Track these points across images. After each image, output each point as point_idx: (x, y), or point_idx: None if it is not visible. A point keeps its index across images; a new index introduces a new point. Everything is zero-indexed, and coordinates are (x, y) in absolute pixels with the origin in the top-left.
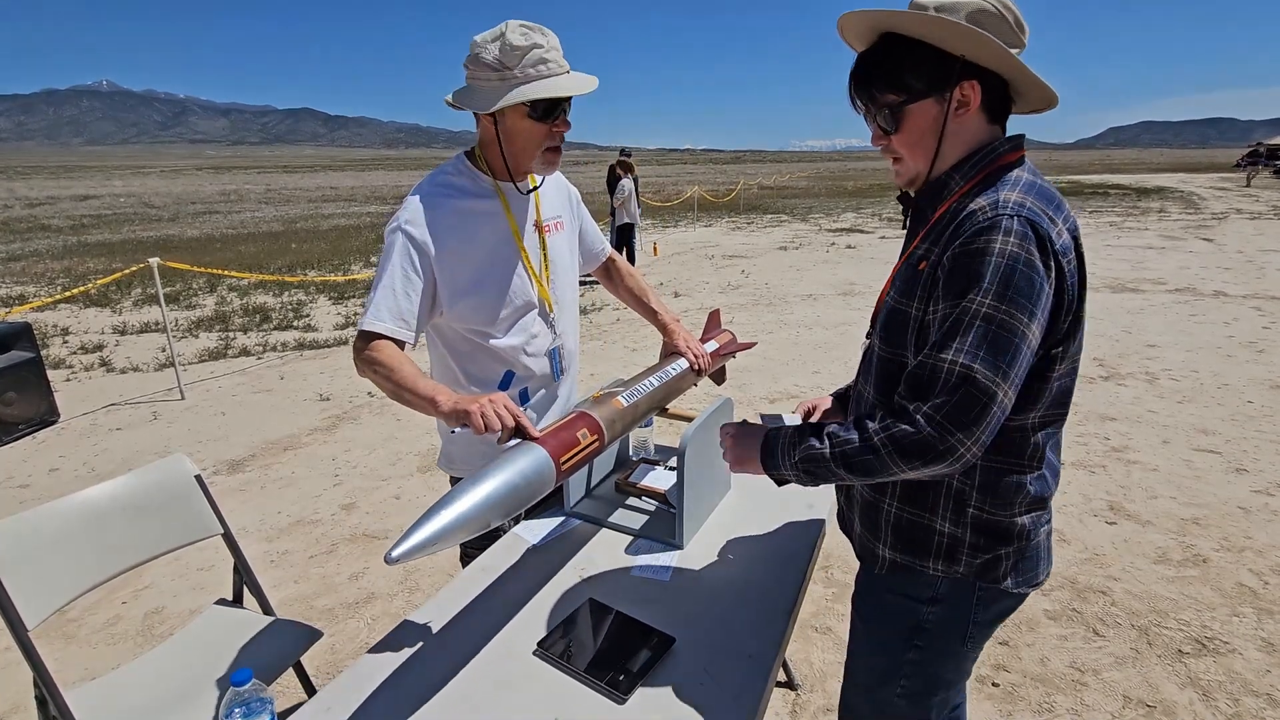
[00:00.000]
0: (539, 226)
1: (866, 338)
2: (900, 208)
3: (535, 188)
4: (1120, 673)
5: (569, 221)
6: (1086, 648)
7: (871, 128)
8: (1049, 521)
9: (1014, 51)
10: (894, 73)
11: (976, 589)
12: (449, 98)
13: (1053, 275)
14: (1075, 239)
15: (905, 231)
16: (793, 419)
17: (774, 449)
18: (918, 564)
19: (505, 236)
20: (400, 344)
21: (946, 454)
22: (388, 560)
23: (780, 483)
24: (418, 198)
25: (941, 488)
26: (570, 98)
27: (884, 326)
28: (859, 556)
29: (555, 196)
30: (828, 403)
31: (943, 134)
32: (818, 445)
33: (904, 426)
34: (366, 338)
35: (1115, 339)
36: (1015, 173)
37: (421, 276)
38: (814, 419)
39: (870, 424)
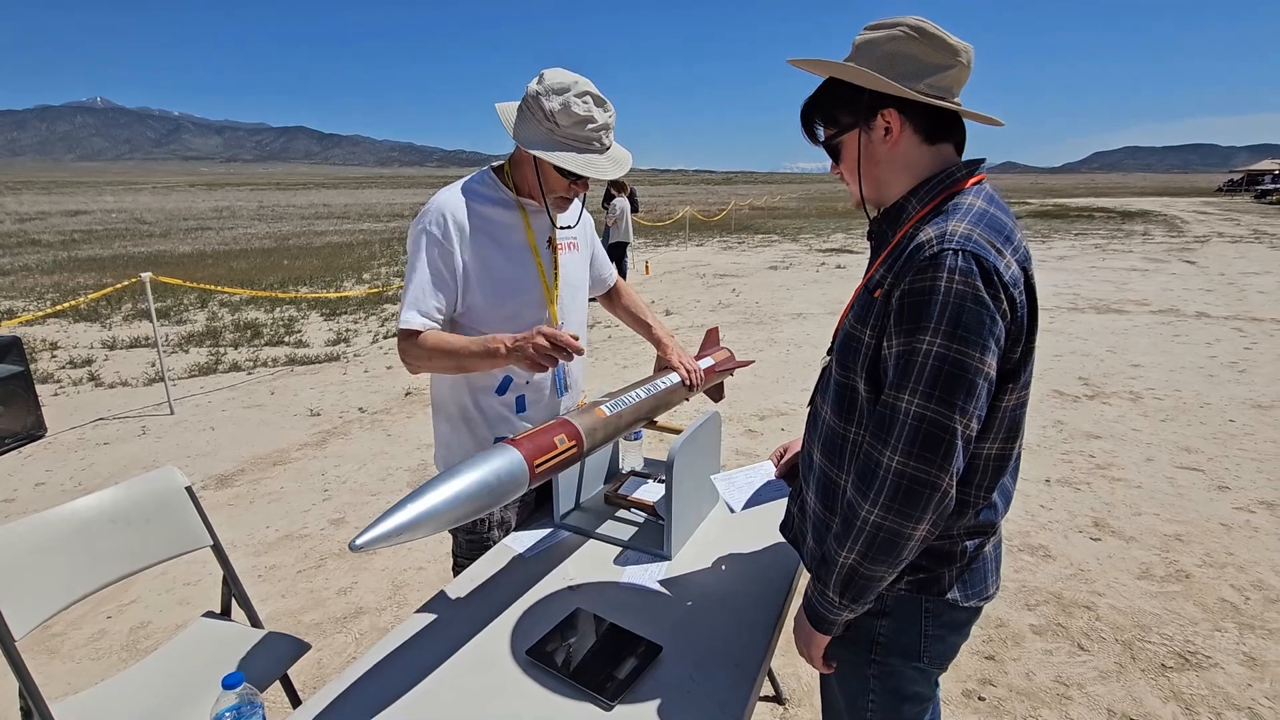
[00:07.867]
0: (553, 244)
1: (827, 355)
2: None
3: (564, 225)
4: (1104, 687)
5: (583, 244)
6: (1071, 662)
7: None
8: (998, 539)
9: (949, 72)
10: (825, 109)
11: (923, 602)
12: (502, 108)
13: (1004, 307)
14: (1025, 270)
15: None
16: (760, 466)
17: (816, 611)
18: None
19: (523, 248)
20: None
21: (929, 488)
22: (351, 547)
23: (844, 625)
24: (444, 198)
25: None
26: None
27: (839, 349)
28: (809, 569)
29: (573, 218)
30: (799, 445)
31: (877, 160)
32: (827, 571)
33: (884, 482)
34: (406, 335)
35: (1100, 359)
36: (969, 200)
37: (448, 272)
38: (785, 458)
39: (861, 505)
